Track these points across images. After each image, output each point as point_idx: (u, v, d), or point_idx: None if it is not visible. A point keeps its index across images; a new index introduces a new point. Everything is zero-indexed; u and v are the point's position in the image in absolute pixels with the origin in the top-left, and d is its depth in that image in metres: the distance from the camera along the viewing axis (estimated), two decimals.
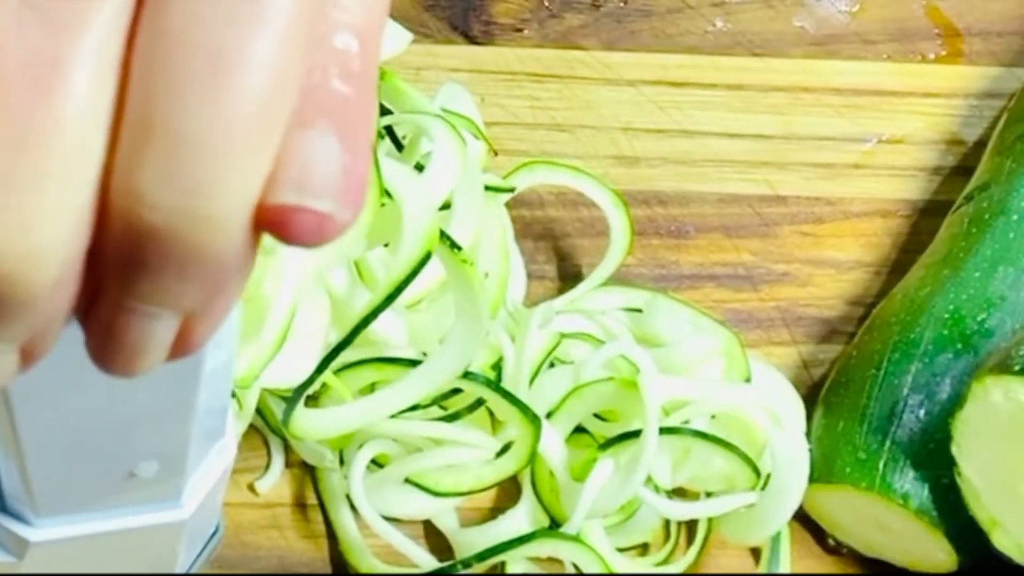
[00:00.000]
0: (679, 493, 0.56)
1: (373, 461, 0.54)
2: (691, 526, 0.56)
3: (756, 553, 0.57)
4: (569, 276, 0.61)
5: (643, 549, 0.56)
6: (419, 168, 0.52)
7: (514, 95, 0.64)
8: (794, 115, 0.66)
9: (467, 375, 0.51)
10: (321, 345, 0.51)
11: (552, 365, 0.56)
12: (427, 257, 0.48)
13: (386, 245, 0.53)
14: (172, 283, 0.24)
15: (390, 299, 0.48)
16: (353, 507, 0.54)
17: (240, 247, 0.24)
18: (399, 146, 0.56)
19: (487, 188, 0.54)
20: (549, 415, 0.54)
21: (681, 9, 0.68)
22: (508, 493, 0.56)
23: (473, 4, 0.66)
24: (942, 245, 0.60)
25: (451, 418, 0.53)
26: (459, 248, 0.49)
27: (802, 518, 0.56)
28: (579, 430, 0.55)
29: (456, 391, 0.52)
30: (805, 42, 0.68)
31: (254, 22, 0.23)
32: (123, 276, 0.24)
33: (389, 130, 0.55)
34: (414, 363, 0.51)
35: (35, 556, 0.39)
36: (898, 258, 0.63)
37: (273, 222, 0.24)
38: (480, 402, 0.53)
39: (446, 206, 0.53)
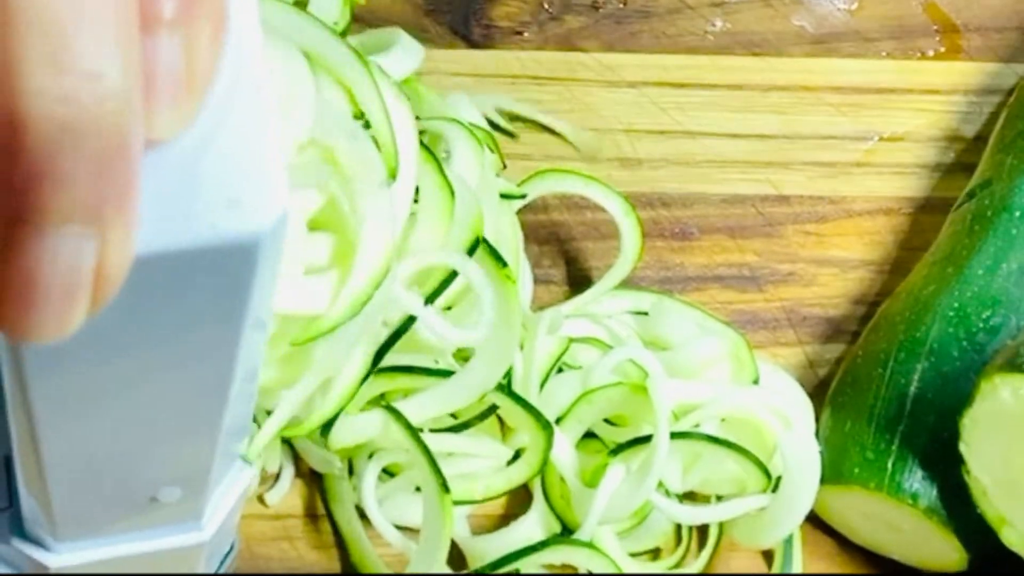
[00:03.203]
0: (689, 497, 0.56)
1: (384, 470, 0.54)
2: (702, 530, 0.56)
3: (768, 555, 0.57)
4: (575, 280, 0.61)
5: (654, 553, 0.56)
6: None
7: (516, 98, 0.63)
8: (795, 114, 0.66)
9: None
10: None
11: (560, 370, 0.56)
12: (476, 244, 0.48)
13: None
14: (89, 185, 0.23)
15: (442, 287, 0.48)
16: (363, 516, 0.54)
17: (141, 121, 0.24)
18: None
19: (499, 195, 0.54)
20: (558, 421, 0.54)
21: (680, 10, 0.68)
22: (519, 499, 0.56)
23: (473, 8, 0.66)
24: (945, 243, 0.60)
25: (462, 426, 0.53)
26: (504, 264, 0.49)
27: (812, 519, 0.56)
28: (589, 435, 0.55)
29: None
30: (805, 41, 0.68)
31: None
32: (32, 200, 0.23)
33: None
34: (435, 372, 0.51)
35: None
36: (902, 256, 0.63)
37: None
38: (491, 410, 0.53)
39: None
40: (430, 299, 0.49)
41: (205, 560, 0.42)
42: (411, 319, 0.50)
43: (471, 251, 0.49)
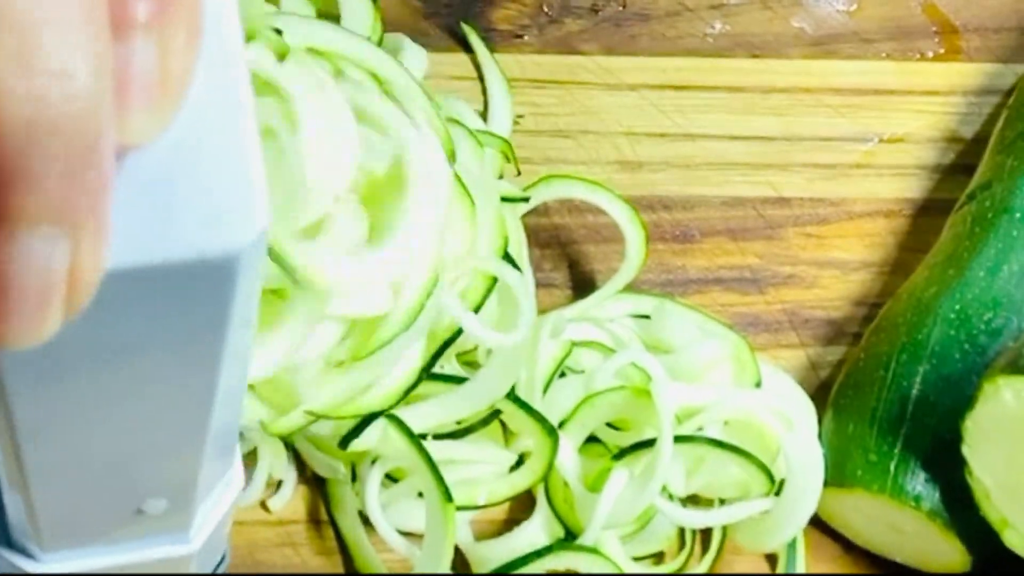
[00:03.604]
0: (693, 500, 0.56)
1: (387, 475, 0.54)
2: (706, 533, 0.56)
3: (771, 558, 0.57)
4: (576, 283, 0.61)
5: (658, 557, 0.56)
6: None
7: (515, 102, 0.63)
8: (795, 116, 0.66)
9: None
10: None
11: (563, 374, 0.56)
12: (507, 246, 0.49)
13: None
14: (59, 186, 0.23)
15: (488, 293, 0.49)
16: (366, 522, 0.54)
17: (112, 122, 0.24)
18: None
19: (502, 199, 0.54)
20: (561, 425, 0.54)
21: (680, 12, 0.67)
22: (522, 503, 0.56)
23: (473, 11, 0.66)
24: (946, 245, 0.60)
25: (465, 431, 0.53)
26: (520, 271, 0.49)
27: (815, 522, 0.56)
28: (591, 439, 0.55)
29: None
30: (804, 42, 0.68)
31: None
32: (1, 201, 0.23)
33: None
34: (439, 377, 0.51)
35: None
36: (902, 257, 0.63)
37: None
38: (494, 415, 0.53)
39: None
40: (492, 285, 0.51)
41: (195, 569, 0.42)
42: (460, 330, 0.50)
43: (504, 255, 0.50)
